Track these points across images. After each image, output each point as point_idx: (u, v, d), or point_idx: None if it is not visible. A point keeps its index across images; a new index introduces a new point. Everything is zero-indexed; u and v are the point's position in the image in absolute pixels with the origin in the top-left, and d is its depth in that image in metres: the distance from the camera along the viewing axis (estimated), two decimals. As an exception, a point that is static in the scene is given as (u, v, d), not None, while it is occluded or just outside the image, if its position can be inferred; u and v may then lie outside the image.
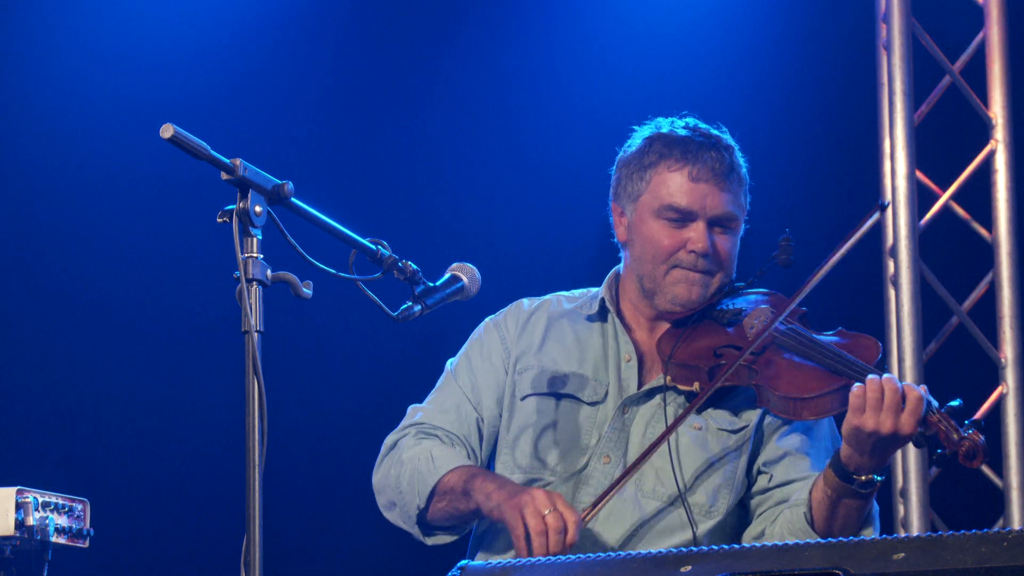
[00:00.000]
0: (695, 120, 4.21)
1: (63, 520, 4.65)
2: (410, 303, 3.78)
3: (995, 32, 6.42)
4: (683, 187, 4.08)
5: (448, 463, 4.05)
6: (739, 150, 4.18)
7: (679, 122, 4.20)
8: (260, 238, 3.34)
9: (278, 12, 6.96)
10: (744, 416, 4.08)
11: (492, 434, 4.20)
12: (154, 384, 6.77)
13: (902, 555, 3.10)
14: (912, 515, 6.24)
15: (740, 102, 6.77)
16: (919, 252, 6.34)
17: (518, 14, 7.03)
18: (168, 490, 6.76)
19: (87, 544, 4.74)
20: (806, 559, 3.15)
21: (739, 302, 4.12)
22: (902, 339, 6.26)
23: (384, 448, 4.20)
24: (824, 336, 4.03)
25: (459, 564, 3.40)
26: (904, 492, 6.27)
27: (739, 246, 4.17)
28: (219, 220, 3.34)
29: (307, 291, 3.40)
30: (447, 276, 3.89)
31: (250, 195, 3.33)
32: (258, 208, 3.34)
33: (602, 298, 4.22)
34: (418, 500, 4.06)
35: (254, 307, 3.31)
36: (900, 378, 6.21)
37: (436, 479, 4.03)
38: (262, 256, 3.34)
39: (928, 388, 3.80)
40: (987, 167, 6.46)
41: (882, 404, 3.73)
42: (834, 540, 3.18)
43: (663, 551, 3.29)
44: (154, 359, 6.77)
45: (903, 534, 5.50)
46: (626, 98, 6.72)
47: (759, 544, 3.26)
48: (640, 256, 4.14)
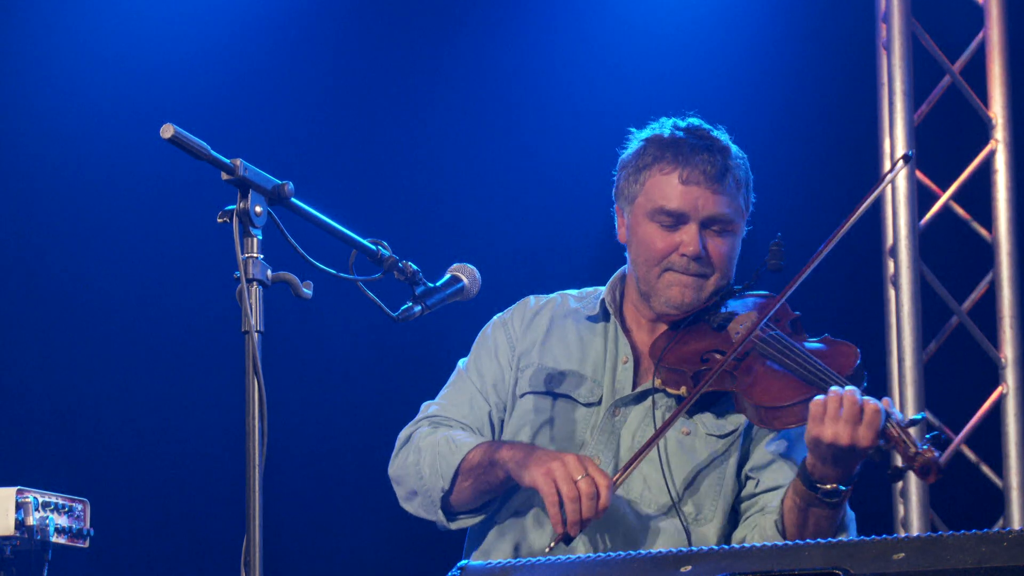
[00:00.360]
0: (698, 120, 4.19)
1: (63, 520, 4.65)
2: (410, 303, 3.78)
3: (995, 32, 6.42)
4: (675, 190, 4.07)
5: (470, 442, 4.05)
6: (739, 152, 4.16)
7: (680, 123, 4.19)
8: (260, 238, 3.34)
9: (278, 12, 6.96)
10: (732, 420, 4.08)
11: (501, 427, 4.20)
12: (154, 384, 6.77)
13: (902, 555, 3.10)
14: (912, 515, 6.24)
15: (740, 102, 6.77)
16: (919, 252, 6.34)
17: (518, 14, 7.03)
18: (168, 490, 6.76)
19: (87, 544, 4.74)
20: (806, 559, 3.15)
21: (734, 305, 4.12)
22: (902, 339, 6.26)
23: (399, 441, 4.19)
24: (808, 343, 4.01)
25: (459, 564, 3.40)
26: (904, 492, 6.27)
27: (739, 248, 4.16)
28: (219, 220, 3.34)
29: (307, 291, 3.40)
30: (447, 277, 3.89)
31: (250, 195, 3.33)
32: (258, 208, 3.34)
33: (603, 299, 4.22)
34: (442, 483, 4.04)
35: (254, 307, 3.31)
36: (900, 378, 6.24)
37: (460, 458, 4.02)
38: (262, 256, 3.34)
39: (927, 388, 3.80)
40: (987, 167, 6.46)
41: (840, 416, 3.72)
42: (834, 540, 3.18)
43: (663, 551, 3.29)
44: (154, 359, 6.78)
45: (903, 534, 5.50)
46: (626, 98, 6.72)
47: (759, 544, 3.26)
48: (636, 259, 4.15)
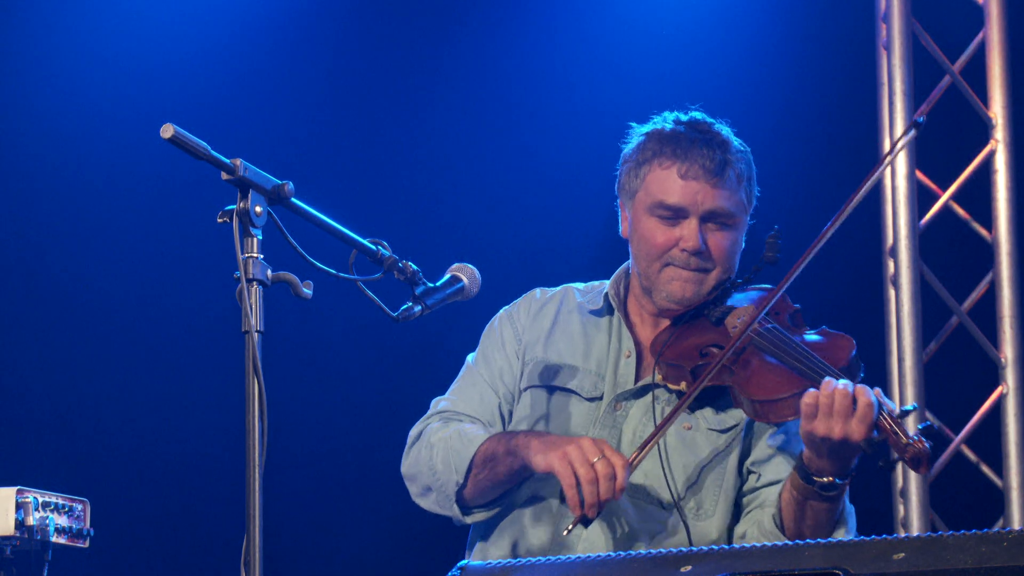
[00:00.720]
0: (700, 114, 4.18)
1: (63, 520, 4.65)
2: (410, 303, 3.78)
3: (995, 32, 6.42)
4: (674, 184, 4.07)
5: (482, 435, 4.05)
6: (740, 145, 4.15)
7: (681, 117, 4.18)
8: (260, 238, 3.34)
9: (278, 12, 6.97)
10: (734, 415, 4.07)
11: (510, 419, 4.20)
12: (154, 384, 6.77)
13: (902, 555, 3.10)
14: (912, 515, 6.24)
15: (740, 102, 6.77)
16: (919, 252, 6.34)
17: (518, 13, 7.03)
18: (168, 490, 6.76)
19: (87, 544, 4.74)
20: (806, 559, 3.15)
21: (735, 299, 4.11)
22: (902, 339, 6.26)
23: (410, 438, 4.19)
24: (806, 335, 4.01)
25: (459, 564, 3.40)
26: (904, 492, 6.27)
27: (742, 241, 4.15)
28: (219, 220, 3.34)
29: (307, 291, 3.40)
30: (447, 276, 3.89)
31: (250, 195, 3.33)
32: (258, 208, 3.34)
33: (606, 293, 4.22)
34: (456, 476, 4.03)
35: (254, 307, 3.31)
36: (900, 378, 6.24)
37: (473, 451, 4.02)
38: (262, 256, 3.34)
39: (927, 388, 3.80)
40: (987, 167, 6.46)
41: (832, 410, 3.71)
42: (834, 540, 3.18)
43: (663, 551, 3.29)
44: (154, 359, 6.78)
45: (903, 534, 5.50)
46: (626, 98, 6.72)
47: (759, 544, 3.26)
48: (637, 253, 4.14)
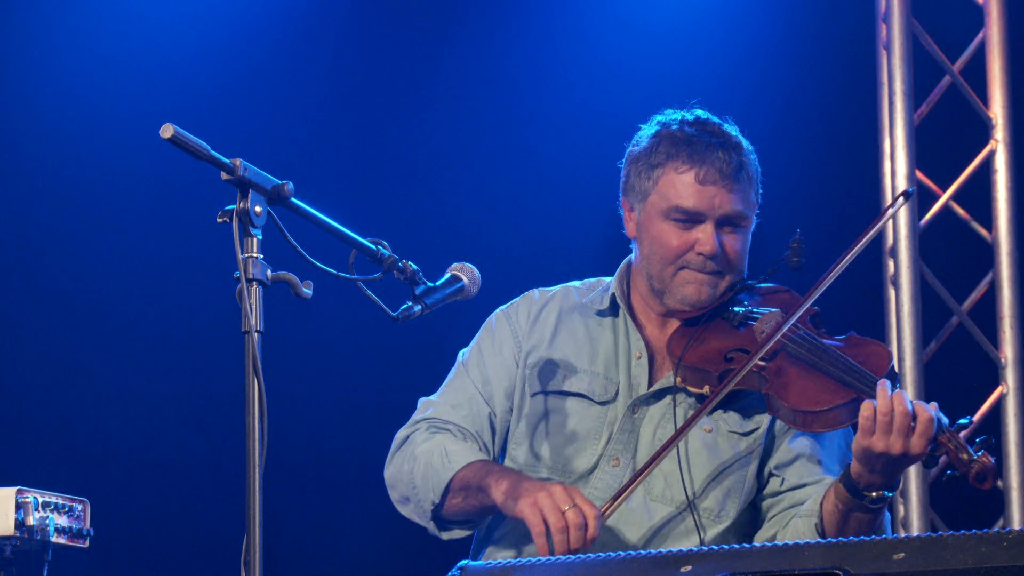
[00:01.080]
0: (705, 114, 4.16)
1: (63, 520, 4.64)
2: (410, 303, 3.78)
3: (995, 32, 6.42)
4: (691, 189, 4.04)
5: (462, 458, 4.02)
6: (748, 145, 4.14)
7: (688, 117, 4.15)
8: (260, 238, 3.34)
9: (278, 12, 6.96)
10: (755, 419, 4.05)
11: (504, 428, 4.17)
12: (154, 384, 6.77)
13: (902, 555, 3.10)
14: (912, 515, 6.24)
15: (740, 102, 6.74)
16: (919, 252, 6.34)
17: (518, 13, 7.03)
18: (168, 490, 6.76)
19: (87, 544, 4.74)
20: (806, 559, 3.15)
21: (750, 301, 4.10)
22: (902, 339, 6.26)
23: (395, 443, 4.17)
24: (834, 341, 3.99)
25: (459, 564, 3.40)
26: (904, 492, 6.27)
27: (750, 241, 4.15)
28: (219, 220, 3.34)
29: (307, 291, 3.40)
30: (447, 276, 3.89)
31: (250, 195, 3.33)
32: (258, 208, 3.34)
33: (612, 293, 4.19)
34: (433, 496, 4.03)
35: (254, 307, 3.31)
36: (901, 378, 6.24)
37: (451, 475, 4.00)
38: (262, 256, 3.34)
39: (927, 388, 3.79)
40: (987, 167, 6.46)
41: (892, 426, 3.69)
42: (834, 540, 3.18)
43: (663, 551, 3.29)
44: (154, 359, 6.77)
45: (903, 534, 5.50)
46: (626, 98, 6.72)
47: (759, 544, 3.25)
48: (649, 255, 4.11)
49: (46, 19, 6.74)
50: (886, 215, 4.14)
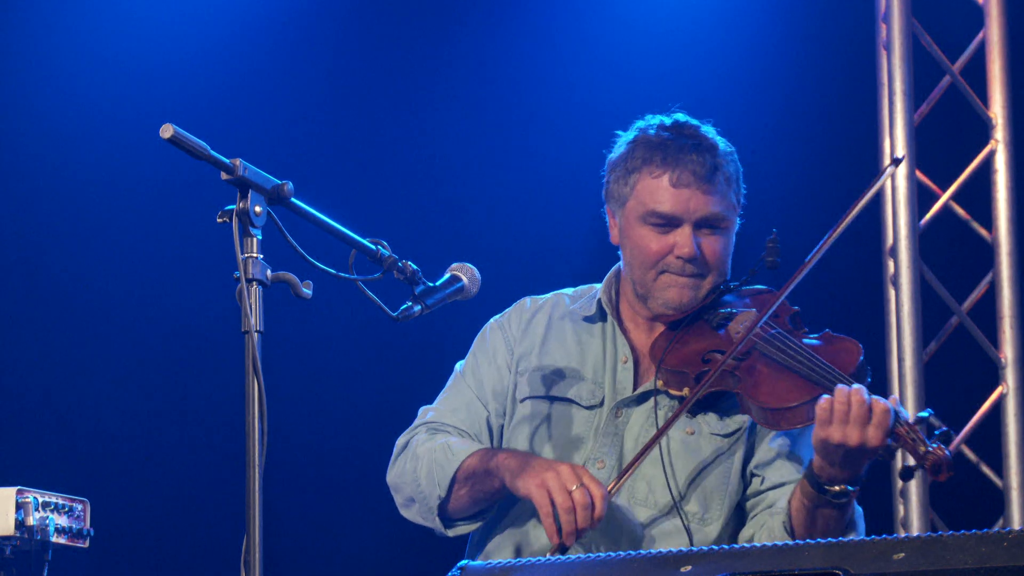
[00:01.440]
0: (684, 116, 4.17)
1: (63, 520, 4.65)
2: (410, 303, 3.79)
3: (995, 32, 6.42)
4: (666, 193, 4.06)
5: (466, 450, 4.04)
6: (727, 146, 4.13)
7: (666, 121, 4.16)
8: (260, 238, 3.34)
9: (278, 12, 6.96)
10: (737, 419, 4.06)
11: (500, 433, 4.19)
12: (154, 384, 6.77)
13: (902, 555, 3.10)
14: (912, 515, 6.24)
15: (740, 102, 6.77)
16: (919, 252, 6.34)
17: (518, 14, 7.03)
18: (168, 490, 6.76)
19: (87, 544, 4.74)
20: (806, 559, 3.15)
21: (733, 302, 4.11)
22: (902, 339, 6.26)
23: (397, 448, 4.19)
24: (809, 339, 4.00)
25: (459, 564, 3.40)
26: (904, 492, 6.27)
27: (733, 242, 4.15)
28: (219, 220, 3.34)
29: (307, 291, 3.40)
30: (447, 276, 3.90)
31: (250, 195, 3.33)
32: (258, 208, 3.34)
33: (599, 299, 4.22)
34: (439, 490, 4.03)
35: (254, 307, 3.31)
36: (900, 378, 6.24)
37: (456, 466, 4.01)
38: (262, 256, 3.34)
39: (927, 388, 3.79)
40: (987, 167, 6.46)
41: (848, 417, 3.70)
42: (834, 540, 3.18)
43: (663, 551, 3.29)
44: (154, 359, 6.78)
45: (903, 534, 5.50)
46: (626, 98, 6.72)
47: (759, 544, 3.26)
48: (631, 261, 4.14)
49: (46, 19, 6.74)
50: (873, 189, 4.13)
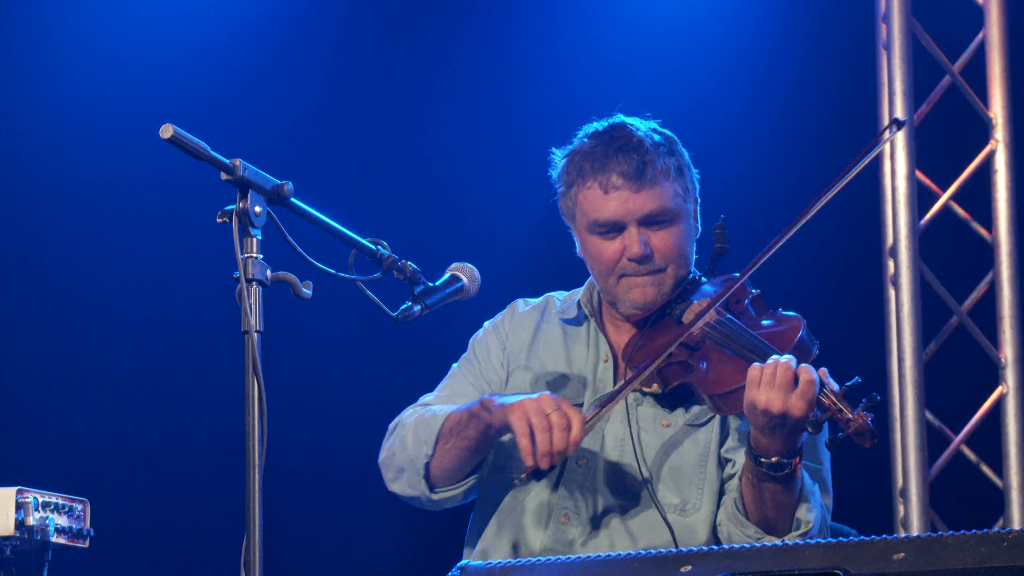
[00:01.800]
0: (621, 117, 4.21)
1: (63, 520, 4.65)
2: (410, 303, 3.80)
3: (995, 32, 6.42)
4: (601, 200, 4.10)
5: (452, 407, 4.08)
6: (659, 139, 4.11)
7: (599, 128, 4.20)
8: (260, 238, 3.34)
9: (278, 12, 6.96)
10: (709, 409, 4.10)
11: None
12: (154, 384, 6.77)
13: (902, 555, 3.10)
14: (912, 515, 6.24)
15: (740, 102, 6.77)
16: (919, 252, 6.34)
17: (518, 14, 7.03)
18: (168, 490, 6.76)
19: (87, 544, 4.74)
20: (806, 559, 3.15)
21: (698, 294, 4.13)
22: (902, 339, 6.26)
23: (388, 430, 4.22)
24: (761, 321, 4.02)
25: (459, 564, 3.41)
26: (904, 492, 6.27)
27: (694, 231, 4.15)
28: (219, 220, 3.35)
29: (307, 291, 3.40)
30: (447, 276, 3.91)
31: (250, 195, 3.33)
32: (258, 208, 3.34)
33: (578, 301, 4.27)
34: (426, 448, 4.06)
35: (254, 307, 3.31)
36: (900, 378, 6.24)
37: (441, 422, 4.05)
38: (262, 256, 3.34)
39: (927, 388, 3.79)
40: (987, 167, 6.46)
41: (774, 382, 3.72)
42: (834, 540, 3.18)
43: (663, 551, 3.30)
44: (154, 359, 6.78)
45: (903, 534, 5.50)
46: (626, 98, 6.69)
47: (759, 544, 3.26)
48: (593, 271, 4.20)
49: (46, 19, 6.74)
50: (874, 150, 4.13)
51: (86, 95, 6.76)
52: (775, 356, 3.77)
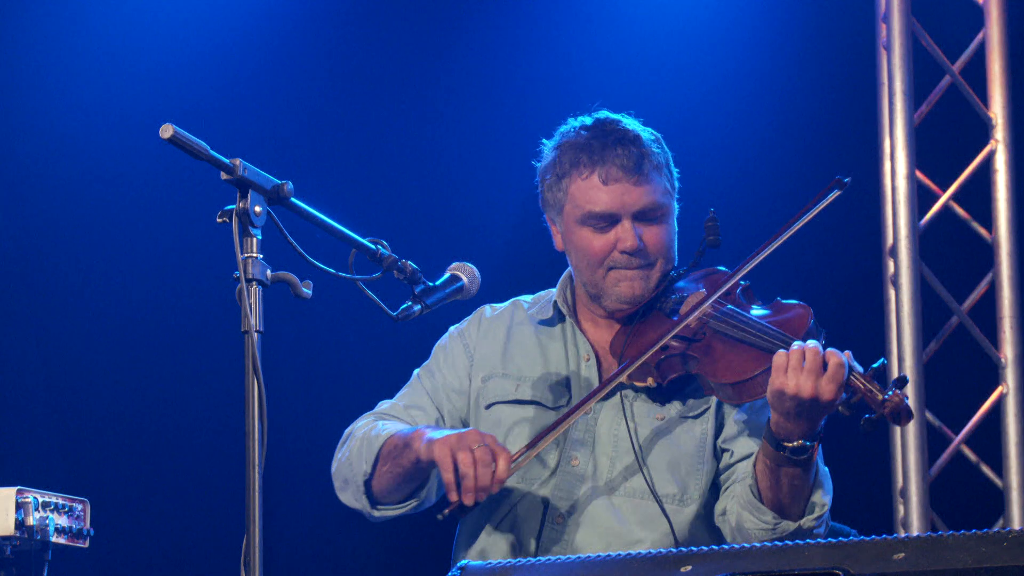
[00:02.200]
0: (605, 113, 4.23)
1: (63, 520, 4.65)
2: (410, 303, 3.80)
3: (995, 32, 6.42)
4: (598, 192, 4.10)
5: (394, 428, 4.08)
6: (650, 135, 4.14)
7: (587, 121, 4.21)
8: (260, 238, 3.35)
9: (278, 12, 6.96)
10: (705, 399, 4.11)
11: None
12: (154, 384, 6.77)
13: (902, 555, 3.10)
14: (912, 515, 6.24)
15: (740, 102, 6.77)
16: (919, 252, 6.34)
17: (518, 14, 7.03)
18: (168, 490, 6.76)
19: (87, 544, 4.74)
20: (806, 559, 3.15)
21: (685, 287, 4.13)
22: (902, 339, 6.26)
23: (341, 439, 4.23)
24: (760, 310, 4.02)
25: (459, 564, 3.41)
26: (904, 492, 6.27)
27: (676, 227, 4.17)
28: (219, 220, 3.35)
29: (307, 291, 3.40)
30: (447, 276, 3.91)
31: (250, 195, 3.33)
32: (258, 208, 3.34)
33: (555, 301, 4.26)
34: (365, 466, 4.06)
35: (254, 307, 3.31)
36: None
37: (382, 442, 4.04)
38: (262, 256, 3.34)
39: (927, 388, 3.80)
40: (987, 167, 6.46)
41: (803, 367, 3.72)
42: (834, 540, 3.18)
43: (663, 551, 3.30)
44: (154, 359, 6.77)
45: (903, 534, 5.50)
46: (626, 98, 6.68)
47: (759, 544, 3.26)
48: (578, 264, 4.18)
49: (46, 19, 6.74)
50: (822, 201, 4.14)
51: (86, 95, 6.75)
52: (798, 342, 3.77)
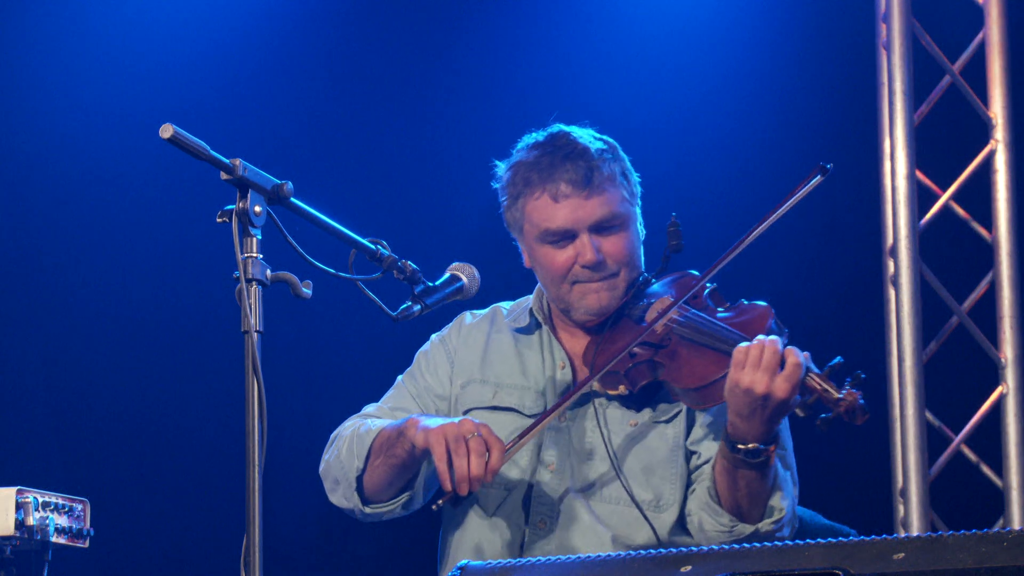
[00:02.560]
0: (559, 126, 4.23)
1: (63, 520, 4.65)
2: (410, 303, 3.81)
3: (995, 32, 6.41)
4: (550, 210, 4.11)
5: (385, 423, 4.09)
6: (601, 145, 4.13)
7: (540, 138, 4.21)
8: (260, 238, 3.35)
9: (278, 12, 6.96)
10: (676, 404, 4.11)
11: None
12: (154, 384, 6.77)
13: (902, 555, 3.10)
14: (912, 515, 6.24)
15: (740, 102, 6.77)
16: (919, 252, 6.33)
17: (518, 14, 7.03)
18: (168, 490, 6.76)
19: (87, 544, 4.74)
20: (806, 559, 3.15)
21: (655, 293, 4.13)
22: (902, 339, 6.25)
23: (329, 441, 4.24)
24: (725, 313, 4.02)
25: (459, 564, 3.41)
26: (904, 492, 6.26)
27: (640, 233, 4.16)
28: (219, 220, 3.35)
29: (307, 291, 3.40)
30: (447, 276, 3.92)
31: (250, 195, 3.34)
32: (258, 208, 3.35)
33: (530, 309, 4.27)
34: (357, 462, 4.08)
35: (254, 307, 3.31)
36: (900, 378, 6.23)
37: (374, 436, 4.06)
38: (262, 256, 3.34)
39: (927, 388, 3.79)
40: (987, 167, 6.46)
41: (760, 363, 3.72)
42: (834, 540, 3.18)
43: (663, 551, 3.30)
44: (154, 359, 6.77)
45: (903, 534, 5.50)
46: (626, 98, 6.72)
47: (759, 544, 3.26)
48: (544, 280, 4.21)
49: (46, 19, 6.74)
50: (804, 188, 4.13)
51: (86, 95, 6.75)
52: (760, 337, 3.76)
